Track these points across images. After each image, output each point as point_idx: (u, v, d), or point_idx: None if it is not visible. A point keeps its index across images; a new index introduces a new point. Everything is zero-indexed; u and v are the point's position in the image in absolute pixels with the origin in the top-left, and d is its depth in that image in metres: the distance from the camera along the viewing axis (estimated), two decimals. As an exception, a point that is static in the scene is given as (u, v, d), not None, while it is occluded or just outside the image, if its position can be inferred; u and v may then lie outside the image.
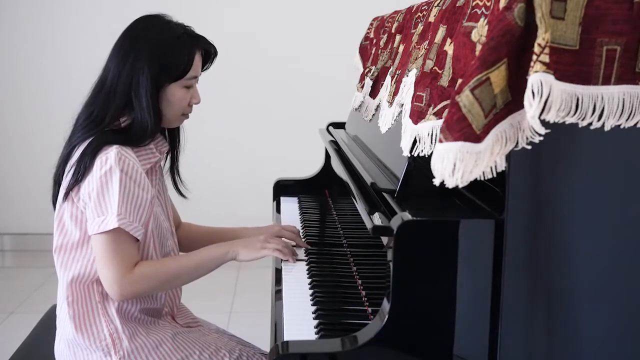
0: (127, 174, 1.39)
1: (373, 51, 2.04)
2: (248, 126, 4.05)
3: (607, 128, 0.95)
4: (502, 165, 0.94)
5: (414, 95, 1.27)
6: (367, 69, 1.90)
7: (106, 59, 1.50)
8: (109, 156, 1.39)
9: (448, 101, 1.09)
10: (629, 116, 0.95)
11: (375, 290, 1.41)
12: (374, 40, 2.10)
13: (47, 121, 3.91)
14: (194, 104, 1.54)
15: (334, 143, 2.02)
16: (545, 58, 0.88)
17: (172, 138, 1.64)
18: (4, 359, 1.79)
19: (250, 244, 1.51)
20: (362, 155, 1.63)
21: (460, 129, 0.92)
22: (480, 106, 0.91)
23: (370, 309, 1.34)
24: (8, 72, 4.01)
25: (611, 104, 0.94)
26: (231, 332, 1.73)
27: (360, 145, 1.79)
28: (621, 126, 0.95)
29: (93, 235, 1.39)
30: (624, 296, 1.08)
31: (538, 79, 0.87)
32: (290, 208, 2.14)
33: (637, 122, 0.95)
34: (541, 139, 0.91)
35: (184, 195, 1.68)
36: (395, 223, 1.08)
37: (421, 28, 1.44)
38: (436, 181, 0.95)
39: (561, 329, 1.08)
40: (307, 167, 2.44)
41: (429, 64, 1.25)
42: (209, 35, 1.57)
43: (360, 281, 1.49)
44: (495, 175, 0.94)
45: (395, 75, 1.54)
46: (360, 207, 1.34)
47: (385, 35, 1.91)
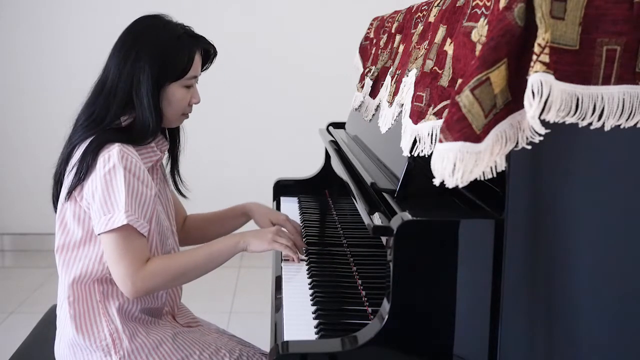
0: (131, 172, 1.39)
1: (373, 51, 2.04)
2: (248, 126, 4.05)
3: (607, 128, 0.95)
4: (502, 165, 0.94)
5: (414, 95, 1.27)
6: (367, 69, 1.90)
7: (106, 59, 1.50)
8: (112, 154, 1.39)
9: (448, 101, 1.09)
10: (629, 116, 0.95)
11: (375, 290, 1.41)
12: (374, 40, 2.10)
13: (47, 121, 3.91)
14: (194, 104, 1.55)
15: (334, 143, 2.02)
16: (545, 58, 0.88)
17: (172, 138, 1.64)
18: (4, 359, 1.79)
19: (261, 235, 1.51)
20: (362, 155, 1.63)
21: (460, 129, 0.92)
22: (480, 106, 0.91)
23: (370, 309, 1.34)
24: (8, 72, 4.01)
25: (611, 104, 0.94)
26: (231, 332, 1.73)
27: (360, 145, 1.79)
28: (621, 126, 0.95)
29: (101, 234, 1.39)
30: (624, 296, 1.08)
31: (538, 79, 0.87)
32: (290, 208, 2.14)
33: (637, 122, 0.95)
34: (541, 139, 0.91)
35: (185, 195, 1.69)
36: (395, 223, 1.08)
37: (421, 28, 1.44)
38: (436, 181, 0.95)
39: (561, 328, 1.08)
40: (307, 167, 2.44)
41: (429, 64, 1.25)
42: (209, 35, 1.57)
43: (360, 281, 1.49)
44: (495, 175, 0.94)
45: (395, 75, 1.54)
46: (360, 207, 1.34)
47: (385, 35, 1.91)
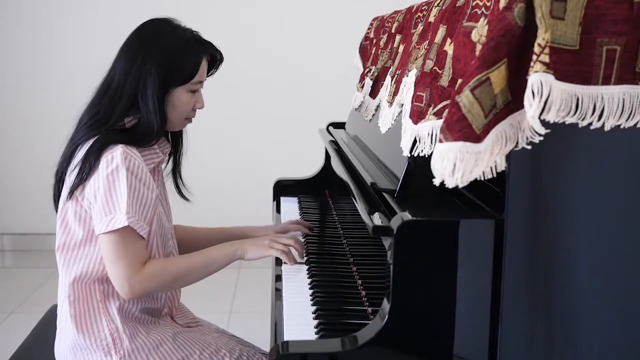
0: (133, 173, 1.39)
1: (373, 51, 2.04)
2: (248, 126, 4.05)
3: (607, 128, 0.95)
4: (502, 165, 0.94)
5: (414, 95, 1.27)
6: (367, 69, 1.90)
7: (113, 60, 1.50)
8: (115, 155, 1.39)
9: (448, 101, 1.09)
10: (629, 116, 0.95)
11: (375, 290, 1.41)
12: (374, 40, 2.10)
13: (47, 121, 3.91)
14: (198, 109, 1.55)
15: (334, 143, 2.02)
16: (545, 58, 0.88)
17: (175, 141, 1.64)
18: (4, 359, 1.79)
19: (258, 242, 1.53)
20: (362, 155, 1.63)
21: (460, 129, 0.92)
22: (480, 106, 0.91)
23: (370, 309, 1.34)
24: (8, 72, 4.00)
25: (611, 104, 0.94)
26: (231, 332, 1.73)
27: (360, 145, 1.79)
28: (621, 126, 0.95)
29: (101, 234, 1.39)
30: (624, 296, 1.08)
31: (538, 79, 0.87)
32: (290, 208, 2.14)
33: (637, 122, 0.95)
34: (541, 139, 0.91)
35: (187, 198, 1.69)
36: (395, 223, 1.08)
37: (421, 28, 1.44)
38: (436, 181, 0.95)
39: (561, 328, 1.08)
40: (307, 167, 2.44)
41: (429, 64, 1.25)
42: (209, 34, 1.57)
43: (360, 281, 1.49)
44: (495, 175, 0.94)
45: (395, 75, 1.54)
46: (360, 207, 1.34)
47: (385, 35, 1.91)
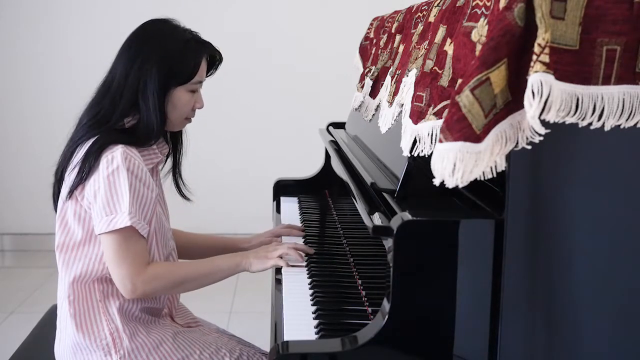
0: (134, 173, 1.39)
1: (373, 51, 2.04)
2: (248, 126, 4.05)
3: (607, 128, 0.95)
4: (502, 165, 0.94)
5: (414, 95, 1.27)
6: (367, 69, 1.90)
7: (113, 61, 1.51)
8: (115, 155, 1.39)
9: (448, 101, 1.09)
10: (629, 116, 0.95)
11: (375, 290, 1.41)
12: (374, 40, 2.10)
13: (47, 121, 3.91)
14: (198, 109, 1.55)
15: (334, 143, 2.02)
16: (545, 58, 0.88)
17: (175, 141, 1.64)
18: (4, 359, 1.79)
19: (260, 254, 1.54)
20: (362, 155, 1.63)
21: (460, 129, 0.92)
22: (480, 106, 0.91)
23: (370, 309, 1.34)
24: (8, 72, 4.00)
25: (611, 104, 0.94)
26: (231, 332, 1.73)
27: (360, 145, 1.79)
28: (621, 126, 0.95)
29: (102, 234, 1.39)
30: (624, 296, 1.08)
31: (538, 79, 0.87)
32: (290, 208, 2.14)
33: (637, 122, 0.95)
34: (541, 139, 0.91)
35: (188, 198, 1.69)
36: (395, 223, 1.08)
37: (421, 28, 1.44)
38: (436, 181, 0.95)
39: (561, 328, 1.08)
40: (307, 167, 2.44)
41: (429, 64, 1.25)
42: (208, 35, 1.57)
43: (360, 281, 1.49)
44: (495, 175, 0.94)
45: (395, 75, 1.54)
46: (360, 207, 1.34)
47: (385, 35, 1.91)
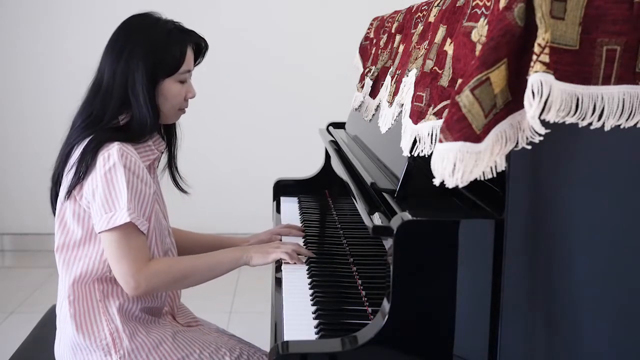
0: (131, 170, 1.40)
1: (373, 51, 2.04)
2: (248, 126, 4.05)
3: (607, 128, 0.95)
4: (502, 165, 0.94)
5: (414, 95, 1.27)
6: (367, 69, 1.90)
7: (99, 60, 1.51)
8: (111, 153, 1.39)
9: (448, 101, 1.09)
10: (629, 116, 0.95)
11: (375, 290, 1.41)
12: (374, 40, 2.10)
13: (47, 121, 3.91)
14: (190, 98, 1.55)
15: (334, 143, 2.02)
16: (545, 58, 0.88)
17: (169, 135, 1.64)
18: (4, 359, 1.79)
19: (262, 249, 1.55)
20: (362, 155, 1.63)
21: (460, 129, 0.92)
22: (480, 106, 0.91)
23: (370, 309, 1.34)
24: (8, 72, 4.00)
25: (611, 104, 0.94)
26: (231, 332, 1.73)
27: (360, 145, 1.79)
28: (621, 126, 0.95)
29: (102, 232, 1.39)
30: (623, 296, 1.08)
31: (538, 79, 0.87)
32: (290, 208, 2.14)
33: (637, 122, 0.95)
34: (541, 139, 0.91)
35: (185, 191, 1.68)
36: (395, 223, 1.08)
37: (421, 28, 1.44)
38: (436, 181, 0.95)
39: (561, 328, 1.08)
40: (307, 167, 2.44)
41: (429, 64, 1.25)
42: (207, 34, 1.57)
43: (360, 281, 1.49)
44: (495, 175, 0.94)
45: (395, 75, 1.54)
46: (360, 207, 1.34)
47: (385, 35, 1.91)
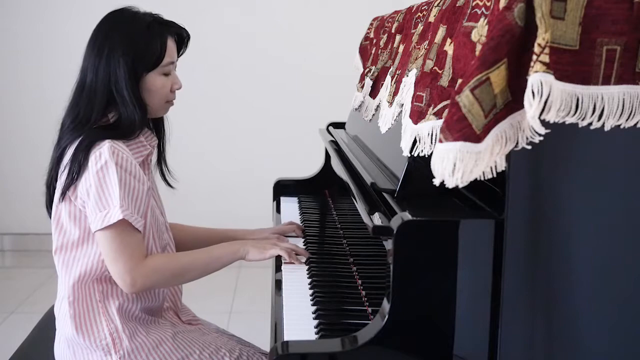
0: (123, 167, 1.39)
1: (373, 51, 2.04)
2: (248, 126, 4.05)
3: (607, 128, 0.95)
4: (502, 165, 0.94)
5: (414, 95, 1.27)
6: (367, 69, 1.90)
7: (82, 60, 1.51)
8: (103, 151, 1.39)
9: (448, 101, 1.09)
10: (629, 116, 0.95)
11: (375, 290, 1.41)
12: (374, 40, 2.10)
13: (47, 121, 3.89)
14: (176, 90, 1.54)
15: (334, 143, 2.02)
16: (545, 58, 0.88)
17: (157, 129, 1.63)
18: (4, 359, 1.79)
19: (260, 244, 1.54)
20: (362, 155, 1.63)
21: (460, 129, 0.92)
22: (480, 106, 0.91)
23: (370, 309, 1.34)
24: (8, 72, 4.00)
25: (611, 104, 0.94)
26: (231, 332, 1.73)
27: (360, 145, 1.79)
28: (621, 126, 0.95)
29: (97, 231, 1.39)
30: (624, 296, 1.08)
31: (538, 79, 0.87)
32: (290, 208, 2.14)
33: (637, 122, 0.95)
34: (541, 139, 0.91)
35: (172, 186, 1.67)
36: (395, 223, 1.08)
37: (421, 28, 1.44)
38: (436, 181, 0.95)
39: (561, 328, 1.08)
40: (307, 167, 2.44)
41: (429, 64, 1.25)
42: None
43: (360, 281, 1.49)
44: (495, 175, 0.94)
45: (395, 75, 1.54)
46: (360, 207, 1.34)
47: (385, 35, 1.91)
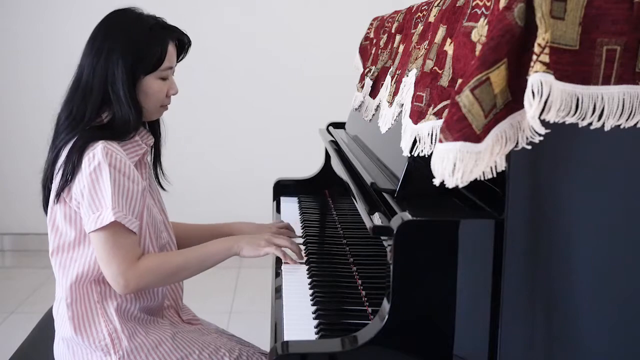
0: (116, 168, 1.38)
1: (373, 51, 2.04)
2: (248, 126, 4.04)
3: (607, 128, 0.95)
4: (502, 165, 0.94)
5: (414, 95, 1.27)
6: (367, 69, 1.90)
7: (80, 56, 1.50)
8: (96, 152, 1.38)
9: (448, 101, 1.09)
10: (629, 116, 0.95)
11: (375, 290, 1.41)
12: (374, 40, 2.10)
13: (47, 121, 3.89)
14: (172, 95, 1.54)
15: (334, 143, 2.02)
16: (545, 58, 0.88)
17: (153, 131, 1.62)
18: (3, 359, 1.79)
19: (254, 241, 1.51)
20: (362, 155, 1.63)
21: (460, 129, 0.92)
22: (480, 106, 0.91)
23: (370, 309, 1.34)
24: (8, 72, 4.00)
25: (611, 104, 0.94)
26: (231, 332, 1.73)
27: (360, 145, 1.79)
28: (621, 126, 0.95)
29: (91, 232, 1.38)
30: (624, 296, 1.08)
31: (538, 79, 0.87)
32: (290, 208, 2.14)
33: (637, 122, 0.95)
34: (541, 139, 0.91)
35: (164, 188, 1.66)
36: (395, 223, 1.08)
37: (421, 28, 1.44)
38: (436, 181, 0.95)
39: (561, 329, 1.08)
40: (307, 167, 2.44)
41: (429, 64, 1.25)
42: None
43: (360, 281, 1.49)
44: (495, 175, 0.94)
45: (395, 75, 1.54)
46: (360, 207, 1.34)
47: (385, 35, 1.91)
